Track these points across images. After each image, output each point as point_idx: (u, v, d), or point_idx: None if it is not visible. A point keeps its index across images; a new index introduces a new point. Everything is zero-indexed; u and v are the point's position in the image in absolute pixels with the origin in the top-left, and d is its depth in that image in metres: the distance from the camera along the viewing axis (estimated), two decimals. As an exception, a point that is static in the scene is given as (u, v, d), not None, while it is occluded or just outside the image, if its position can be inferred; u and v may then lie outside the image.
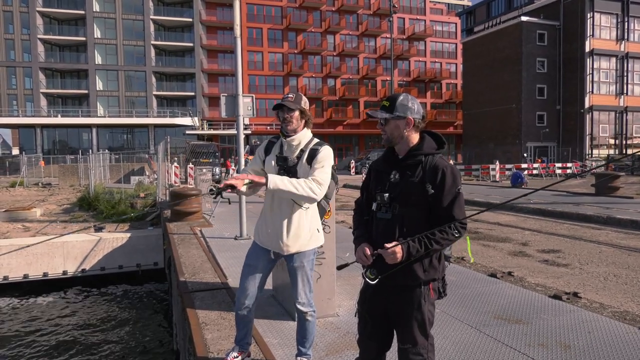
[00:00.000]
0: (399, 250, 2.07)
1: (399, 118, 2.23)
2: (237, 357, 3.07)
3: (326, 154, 2.85)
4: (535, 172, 27.53)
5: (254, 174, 2.92)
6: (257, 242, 3.02)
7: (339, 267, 2.32)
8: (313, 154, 2.84)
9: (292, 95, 2.87)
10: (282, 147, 2.93)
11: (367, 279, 2.20)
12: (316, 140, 2.94)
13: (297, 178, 2.79)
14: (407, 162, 2.24)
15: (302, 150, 2.87)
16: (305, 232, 2.92)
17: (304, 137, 2.90)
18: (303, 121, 2.90)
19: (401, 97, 2.26)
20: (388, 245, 2.09)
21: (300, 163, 2.85)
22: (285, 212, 2.87)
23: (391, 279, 2.17)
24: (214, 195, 3.02)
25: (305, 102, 2.90)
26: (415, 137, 2.28)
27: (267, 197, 2.95)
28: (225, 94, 7.56)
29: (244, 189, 2.63)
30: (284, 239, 2.87)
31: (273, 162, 2.90)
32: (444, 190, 2.14)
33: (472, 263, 6.12)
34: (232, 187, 2.58)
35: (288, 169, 2.85)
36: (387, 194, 2.23)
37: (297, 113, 2.85)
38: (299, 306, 2.95)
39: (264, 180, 2.62)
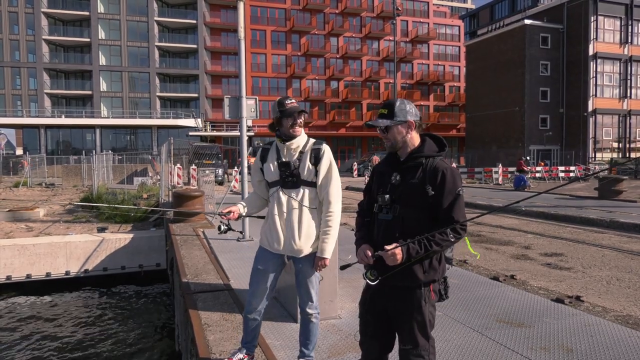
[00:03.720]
0: (398, 252, 2.09)
1: (401, 123, 2.26)
2: (242, 359, 3.07)
3: (329, 155, 2.93)
4: (538, 175, 27.48)
5: (258, 185, 3.09)
6: (265, 248, 2.99)
7: (342, 267, 2.35)
8: (317, 155, 2.89)
9: (295, 101, 2.93)
10: (278, 152, 2.94)
11: (367, 280, 2.22)
12: (312, 139, 2.97)
13: (302, 180, 2.87)
14: (408, 164, 2.27)
15: (302, 152, 2.91)
16: (316, 233, 2.92)
17: (302, 139, 2.94)
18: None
19: (398, 102, 2.29)
20: (388, 247, 2.10)
21: (303, 164, 2.88)
22: (295, 215, 2.87)
23: (391, 280, 2.18)
24: (225, 232, 3.14)
25: None
26: (416, 140, 2.31)
27: (273, 201, 2.95)
28: (229, 96, 7.58)
29: (244, 213, 3.07)
30: (297, 241, 2.86)
31: (273, 169, 2.92)
32: (444, 192, 2.16)
33: (478, 259, 6.11)
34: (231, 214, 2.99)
35: (291, 172, 2.87)
36: (388, 196, 2.25)
37: (304, 117, 2.92)
38: (306, 308, 2.94)
39: (325, 262, 2.90)
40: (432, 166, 2.21)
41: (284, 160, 2.90)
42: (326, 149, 2.93)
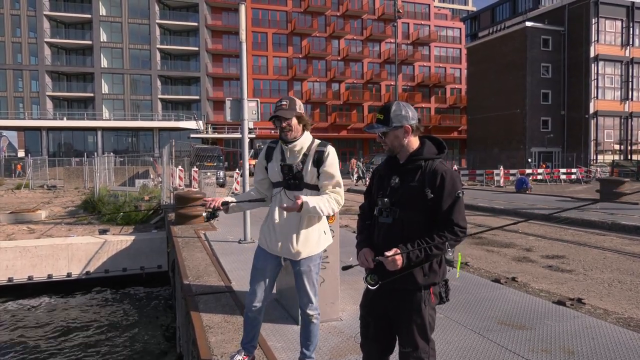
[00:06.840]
0: (399, 258, 2.09)
1: (397, 128, 2.25)
2: (242, 360, 3.07)
3: (334, 156, 2.86)
4: (539, 177, 27.44)
5: (259, 183, 3.03)
6: (263, 248, 2.99)
7: (344, 268, 2.36)
8: (320, 157, 2.82)
9: (285, 102, 2.81)
10: (283, 153, 2.89)
11: (368, 285, 2.22)
12: (318, 141, 2.91)
13: (305, 183, 2.82)
14: (407, 167, 2.27)
15: (306, 154, 2.85)
16: (315, 236, 2.91)
17: (305, 141, 2.86)
18: (301, 125, 2.86)
19: (394, 108, 2.27)
20: (388, 253, 2.10)
21: (306, 168, 2.83)
22: (294, 218, 2.85)
23: (391, 283, 2.19)
24: (210, 220, 3.13)
25: (300, 106, 2.86)
26: (415, 143, 2.30)
27: (275, 201, 2.93)
28: (230, 98, 7.60)
29: (230, 200, 2.96)
30: (294, 245, 2.85)
31: (276, 169, 2.88)
32: (444, 195, 2.16)
33: (457, 277, 5.91)
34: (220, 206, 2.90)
35: (294, 175, 2.83)
36: (387, 199, 2.25)
37: (294, 120, 2.81)
38: (306, 309, 2.94)
39: (297, 207, 2.66)
40: (431, 169, 2.21)
41: (286, 163, 2.85)
42: (331, 151, 2.85)
